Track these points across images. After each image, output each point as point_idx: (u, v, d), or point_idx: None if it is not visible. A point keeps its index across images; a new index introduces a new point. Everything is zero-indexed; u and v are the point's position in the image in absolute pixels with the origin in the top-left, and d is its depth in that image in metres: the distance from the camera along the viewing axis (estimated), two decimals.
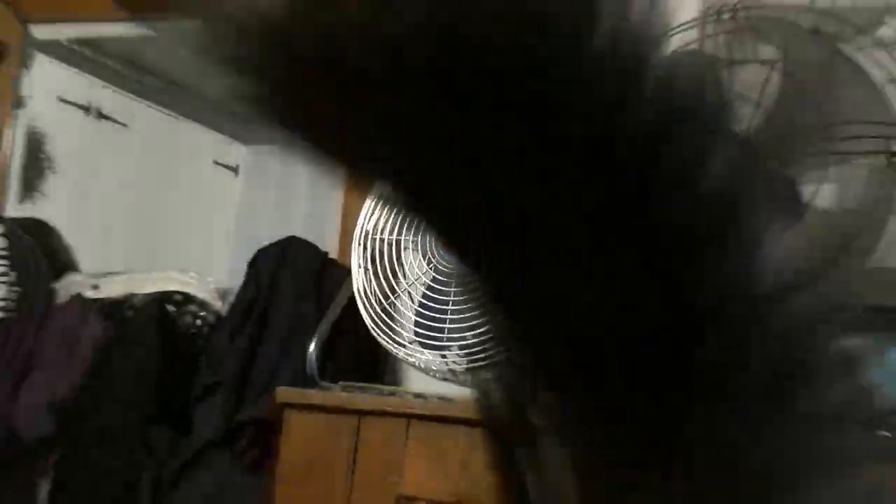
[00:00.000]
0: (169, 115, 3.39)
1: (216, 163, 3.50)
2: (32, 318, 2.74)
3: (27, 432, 2.64)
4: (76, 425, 2.69)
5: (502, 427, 0.59)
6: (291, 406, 2.27)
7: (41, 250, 2.81)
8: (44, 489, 2.71)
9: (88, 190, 3.20)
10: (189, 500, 2.62)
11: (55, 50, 3.10)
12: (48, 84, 3.09)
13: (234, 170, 3.54)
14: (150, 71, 3.27)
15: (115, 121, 3.26)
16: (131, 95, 3.30)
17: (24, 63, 3.07)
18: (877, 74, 1.84)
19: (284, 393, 2.26)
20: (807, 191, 0.60)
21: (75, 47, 3.12)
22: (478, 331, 2.18)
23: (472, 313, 2.03)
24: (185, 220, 3.42)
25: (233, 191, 3.53)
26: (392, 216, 2.30)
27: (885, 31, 1.92)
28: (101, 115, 3.24)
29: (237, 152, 3.56)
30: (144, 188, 3.32)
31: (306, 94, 0.42)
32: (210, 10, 0.44)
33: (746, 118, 0.81)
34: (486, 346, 2.15)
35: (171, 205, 3.40)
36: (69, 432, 2.68)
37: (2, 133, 3.03)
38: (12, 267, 2.72)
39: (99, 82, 3.23)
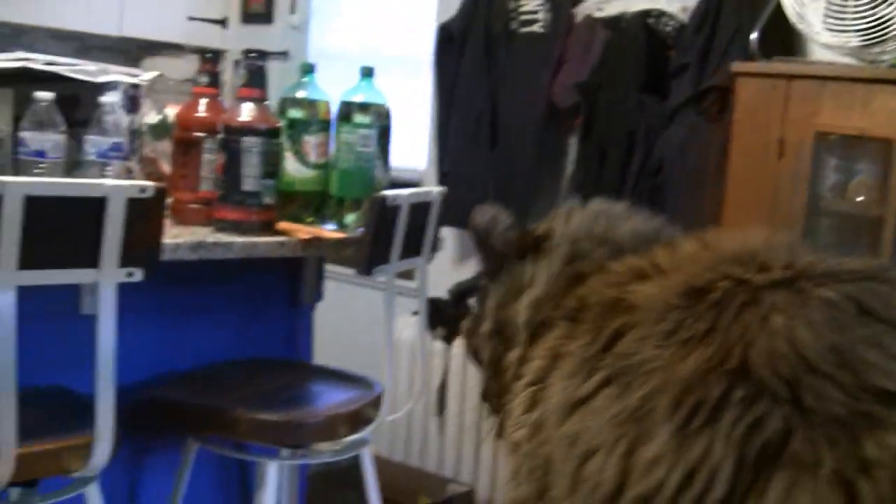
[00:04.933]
0: None
1: None
2: (560, 31, 3.80)
3: (562, 103, 3.77)
4: (593, 97, 3.65)
5: None
6: (741, 74, 3.15)
7: None
8: (573, 142, 3.82)
9: None
10: (670, 141, 3.48)
11: None
12: None
13: None
14: None
15: None
16: None
17: None
18: None
19: (738, 66, 3.16)
20: None
21: None
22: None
23: None
24: None
25: None
26: None
27: None
28: None
29: None
30: None
31: None
32: None
33: None
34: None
35: None
36: (589, 101, 3.66)
37: None
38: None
39: None
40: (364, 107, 2.57)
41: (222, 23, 5.36)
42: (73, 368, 2.16)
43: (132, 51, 5.29)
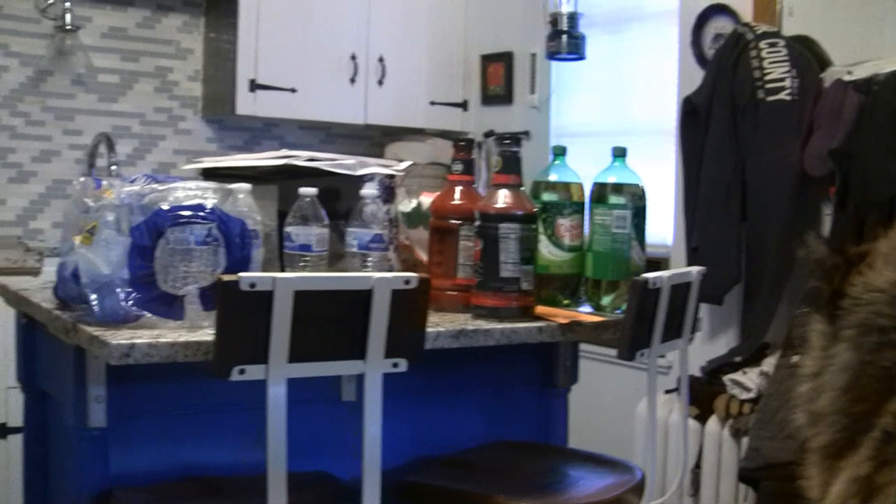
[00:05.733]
0: None
1: None
2: (809, 98, 3.69)
3: (814, 171, 3.64)
4: (847, 163, 3.51)
5: None
6: None
7: (810, 53, 3.79)
8: (828, 212, 3.67)
9: None
10: None
11: None
12: None
13: None
14: None
15: None
16: None
17: None
18: None
19: None
20: None
21: None
22: None
23: None
24: None
25: None
26: None
27: None
28: None
29: None
30: None
31: None
32: None
33: None
34: None
35: None
36: (843, 168, 3.51)
37: None
38: (793, 65, 3.86)
39: None
40: (618, 188, 2.55)
41: (462, 105, 5.46)
42: (334, 454, 2.20)
43: (375, 136, 5.44)
